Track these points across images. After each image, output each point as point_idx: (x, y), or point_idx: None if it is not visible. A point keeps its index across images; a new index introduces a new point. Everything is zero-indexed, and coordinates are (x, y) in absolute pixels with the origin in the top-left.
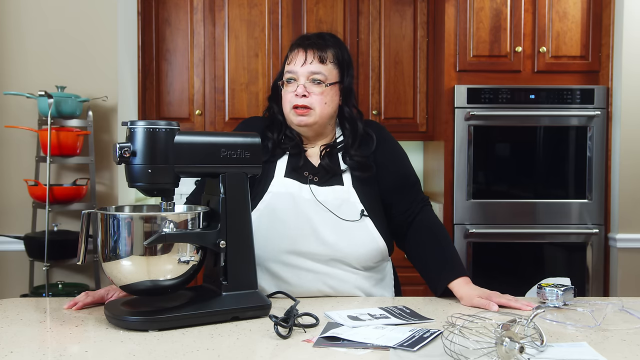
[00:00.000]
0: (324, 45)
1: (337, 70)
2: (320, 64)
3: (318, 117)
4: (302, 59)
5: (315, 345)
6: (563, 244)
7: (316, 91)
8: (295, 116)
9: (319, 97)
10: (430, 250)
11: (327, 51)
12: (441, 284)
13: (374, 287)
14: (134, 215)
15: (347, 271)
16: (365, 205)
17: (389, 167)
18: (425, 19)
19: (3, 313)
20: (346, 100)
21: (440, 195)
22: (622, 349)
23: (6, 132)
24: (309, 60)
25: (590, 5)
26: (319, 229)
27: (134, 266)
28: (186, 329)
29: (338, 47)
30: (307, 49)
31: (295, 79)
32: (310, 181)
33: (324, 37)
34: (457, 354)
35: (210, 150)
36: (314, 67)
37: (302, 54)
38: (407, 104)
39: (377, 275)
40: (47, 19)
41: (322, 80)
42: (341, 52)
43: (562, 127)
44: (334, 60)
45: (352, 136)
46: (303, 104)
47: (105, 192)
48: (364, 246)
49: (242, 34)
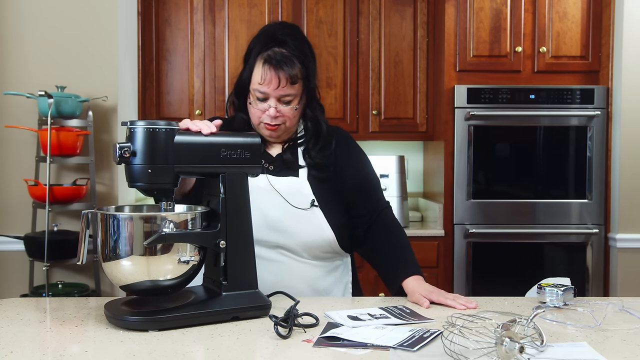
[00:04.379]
0: (292, 63)
1: (303, 85)
2: (290, 85)
3: (287, 130)
4: (273, 82)
5: (315, 345)
6: (563, 244)
7: (286, 111)
8: (265, 130)
9: (289, 114)
10: (388, 251)
11: (296, 68)
12: (396, 282)
13: (322, 278)
14: (134, 215)
15: (293, 259)
16: (318, 199)
17: (349, 171)
18: (425, 19)
19: (3, 313)
20: (309, 102)
21: (440, 195)
22: (622, 349)
23: (6, 132)
24: (281, 84)
25: (590, 5)
26: (269, 214)
27: (134, 266)
28: (186, 329)
29: (303, 54)
30: (277, 70)
31: (267, 98)
32: (265, 170)
33: (290, 47)
34: (457, 354)
35: (210, 150)
36: (285, 90)
37: (273, 77)
38: (407, 104)
39: (327, 267)
40: (47, 19)
41: (291, 100)
42: (306, 59)
43: (562, 127)
44: (301, 76)
45: (314, 137)
46: (275, 123)
47: (105, 192)
48: (311, 234)
49: (242, 34)
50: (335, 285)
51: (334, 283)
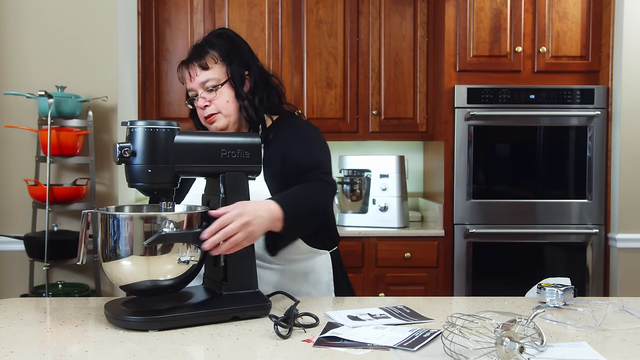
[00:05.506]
0: (202, 52)
1: (226, 67)
2: (204, 71)
3: (226, 118)
4: (189, 74)
5: (315, 345)
6: (563, 244)
7: (212, 97)
8: (209, 125)
9: (218, 100)
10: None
11: (206, 56)
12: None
13: (292, 282)
14: (134, 215)
15: (259, 266)
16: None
17: (289, 158)
18: (425, 19)
19: (3, 313)
20: (237, 91)
21: (440, 195)
22: (622, 349)
23: (6, 132)
24: (193, 73)
25: (590, 5)
26: None
27: (134, 266)
28: (186, 329)
29: (221, 45)
30: (188, 65)
31: (196, 94)
32: None
33: (203, 44)
34: (457, 354)
35: (210, 150)
36: (201, 77)
37: (187, 71)
38: (407, 104)
39: (296, 270)
40: (47, 19)
41: (215, 85)
42: (226, 47)
43: (562, 127)
44: (217, 60)
45: (252, 128)
46: (209, 113)
47: (105, 192)
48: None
49: (242, 34)
50: (313, 287)
51: (310, 285)
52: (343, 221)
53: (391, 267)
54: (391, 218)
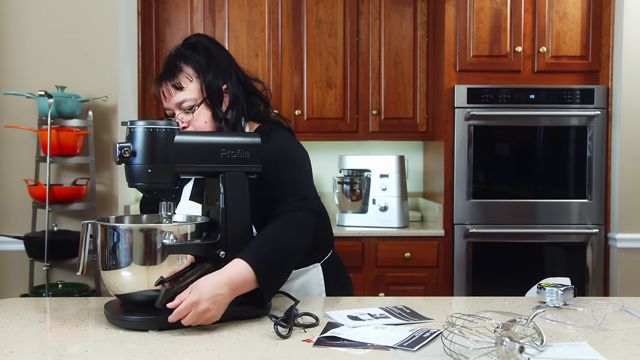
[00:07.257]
0: (175, 69)
1: (201, 84)
2: (179, 92)
3: None
4: (163, 95)
5: (315, 345)
6: (563, 244)
7: (190, 118)
8: None
9: (196, 122)
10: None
11: (179, 75)
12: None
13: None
14: (134, 227)
15: None
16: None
17: (266, 182)
18: (425, 19)
19: (3, 313)
20: (215, 111)
21: (440, 195)
22: (622, 349)
23: (6, 132)
24: (167, 94)
25: (590, 5)
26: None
27: (134, 276)
28: (186, 329)
29: (195, 59)
30: (161, 84)
31: (173, 113)
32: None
33: (176, 56)
34: (457, 354)
35: (210, 150)
36: (176, 97)
37: (162, 91)
38: (407, 104)
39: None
40: (47, 19)
41: (191, 105)
42: (200, 62)
43: (562, 127)
44: (192, 78)
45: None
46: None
47: (105, 192)
48: None
49: (242, 34)
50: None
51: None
52: (343, 221)
53: (391, 267)
54: (391, 218)
